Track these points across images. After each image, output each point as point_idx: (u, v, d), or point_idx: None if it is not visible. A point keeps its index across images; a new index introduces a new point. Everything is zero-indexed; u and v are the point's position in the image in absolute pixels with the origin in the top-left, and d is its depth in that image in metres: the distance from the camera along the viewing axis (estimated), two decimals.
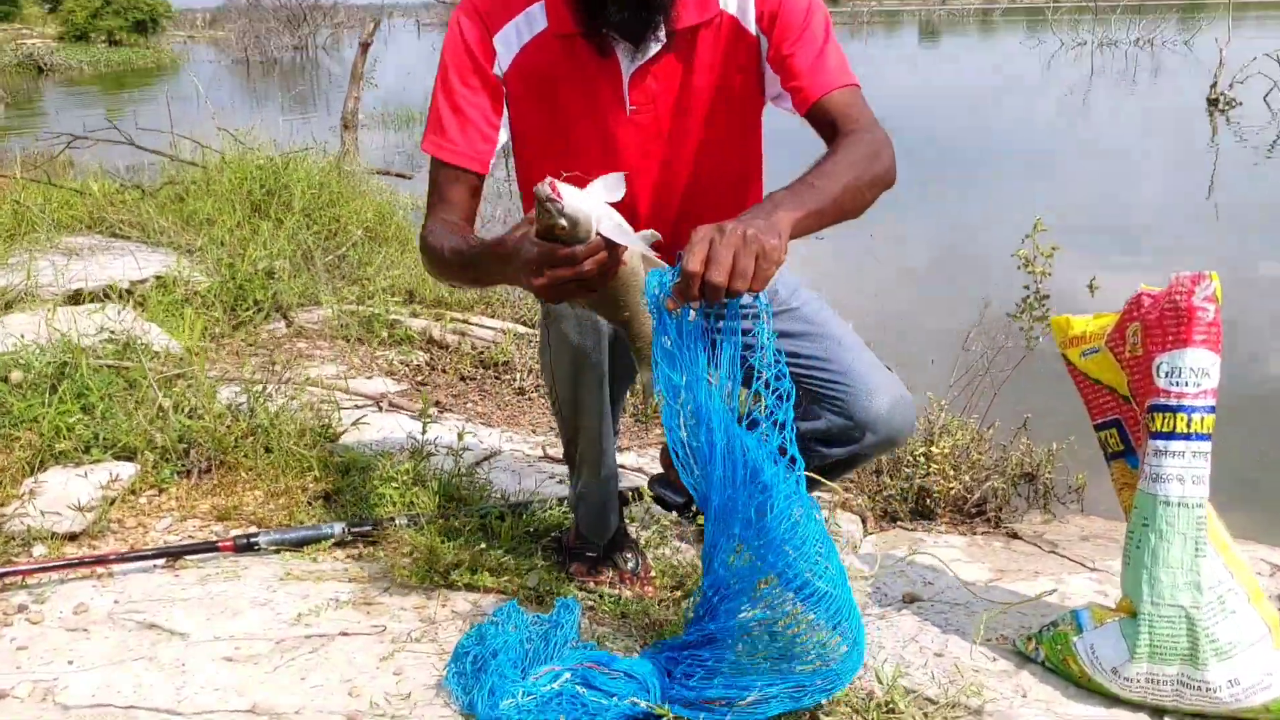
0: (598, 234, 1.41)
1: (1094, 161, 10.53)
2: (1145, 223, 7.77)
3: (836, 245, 6.36)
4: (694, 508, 2.46)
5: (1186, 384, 1.71)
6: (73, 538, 2.23)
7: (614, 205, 1.46)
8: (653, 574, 2.17)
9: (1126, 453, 1.92)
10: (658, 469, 2.67)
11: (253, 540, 2.19)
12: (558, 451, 2.96)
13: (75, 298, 3.77)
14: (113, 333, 3.08)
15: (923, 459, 2.89)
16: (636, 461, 2.94)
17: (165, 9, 42.21)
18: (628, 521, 2.33)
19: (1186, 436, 1.71)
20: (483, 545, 2.15)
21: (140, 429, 2.52)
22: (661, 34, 1.79)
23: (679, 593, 2.08)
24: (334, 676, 1.74)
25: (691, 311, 1.52)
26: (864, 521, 2.74)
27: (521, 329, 4.22)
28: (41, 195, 4.91)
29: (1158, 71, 20.74)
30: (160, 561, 2.14)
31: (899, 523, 2.76)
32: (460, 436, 2.51)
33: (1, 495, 2.30)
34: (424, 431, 2.49)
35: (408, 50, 23.64)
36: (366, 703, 1.67)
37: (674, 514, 2.47)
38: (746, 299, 1.48)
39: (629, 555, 2.16)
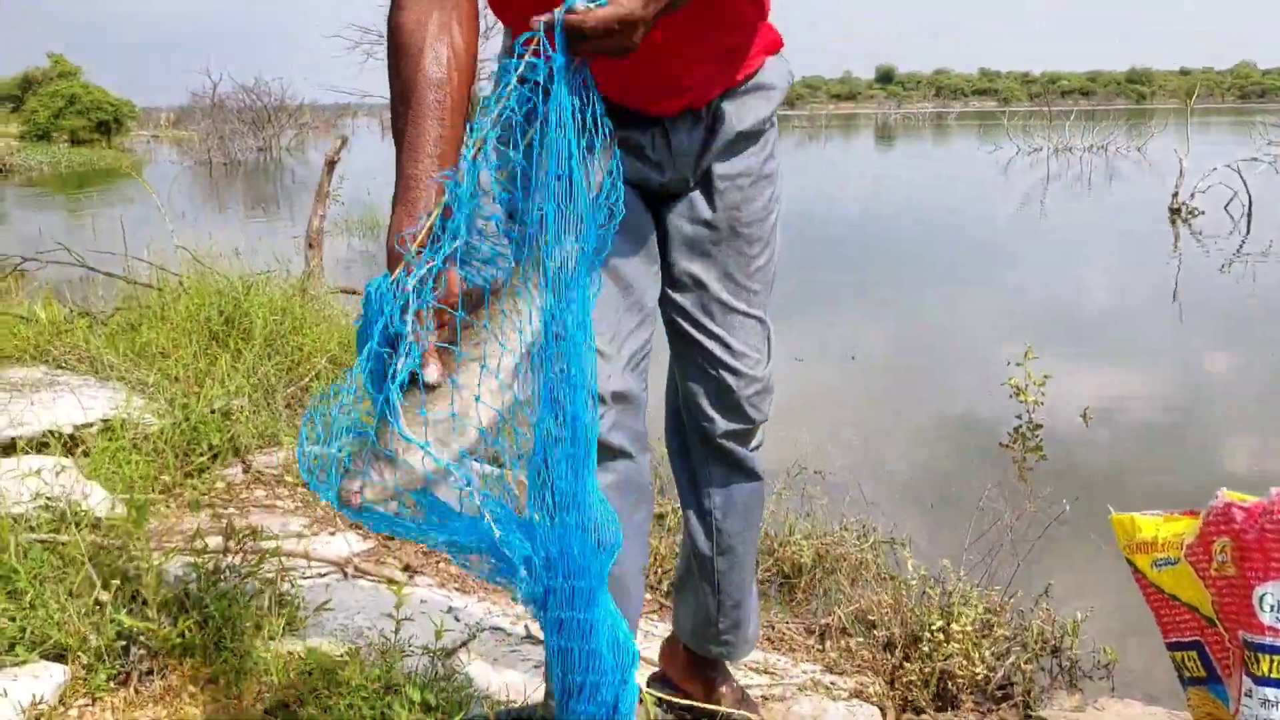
0: None
1: (1060, 266, 10.56)
2: (1116, 327, 7.70)
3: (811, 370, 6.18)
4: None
5: None
6: None
7: None
8: None
9: (1210, 680, 1.68)
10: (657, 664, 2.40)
11: None
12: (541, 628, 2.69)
13: (10, 448, 3.46)
14: (49, 499, 2.78)
15: (940, 635, 2.65)
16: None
17: (129, 109, 42.33)
18: None
19: None
20: None
21: (73, 626, 2.22)
22: None
23: None
24: None
25: None
26: (883, 714, 2.48)
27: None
28: None
29: (1112, 177, 21.17)
30: None
31: (922, 716, 2.50)
32: (438, 635, 2.23)
33: None
34: (396, 631, 2.21)
35: (371, 152, 23.65)
36: None
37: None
38: None
39: None
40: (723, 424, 2.00)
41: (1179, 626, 1.71)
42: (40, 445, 3.48)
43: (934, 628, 2.66)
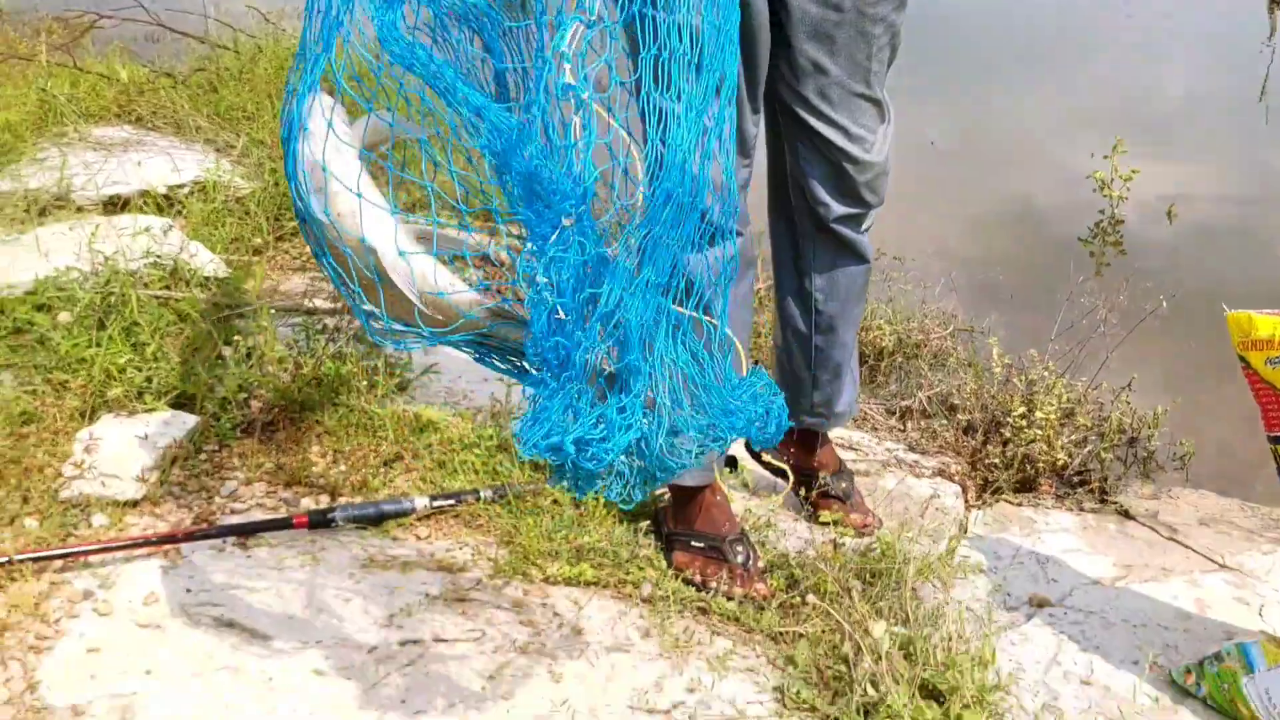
0: None
1: (1143, 57, 10.09)
2: (1199, 124, 7.43)
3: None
4: (804, 486, 2.29)
5: None
6: (134, 505, 2.06)
7: None
8: (763, 566, 1.99)
9: None
10: None
11: (329, 516, 2.01)
12: None
13: (111, 204, 3.53)
14: (159, 256, 2.86)
15: (1022, 422, 2.71)
16: None
17: None
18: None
19: None
20: (578, 529, 1.99)
21: (198, 376, 2.33)
22: None
23: (795, 594, 1.90)
24: (438, 700, 1.58)
25: None
26: (965, 493, 2.57)
27: None
28: (68, 81, 4.61)
29: None
30: (231, 538, 1.97)
31: (1002, 495, 2.59)
32: None
33: (56, 452, 2.12)
34: (508, 393, 2.30)
35: None
36: None
37: (780, 482, 2.29)
38: None
39: (739, 547, 1.98)
40: (838, 209, 2.01)
41: None
42: (138, 205, 3.54)
43: (1016, 414, 2.71)
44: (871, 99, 1.94)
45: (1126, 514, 2.51)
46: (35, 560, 1.81)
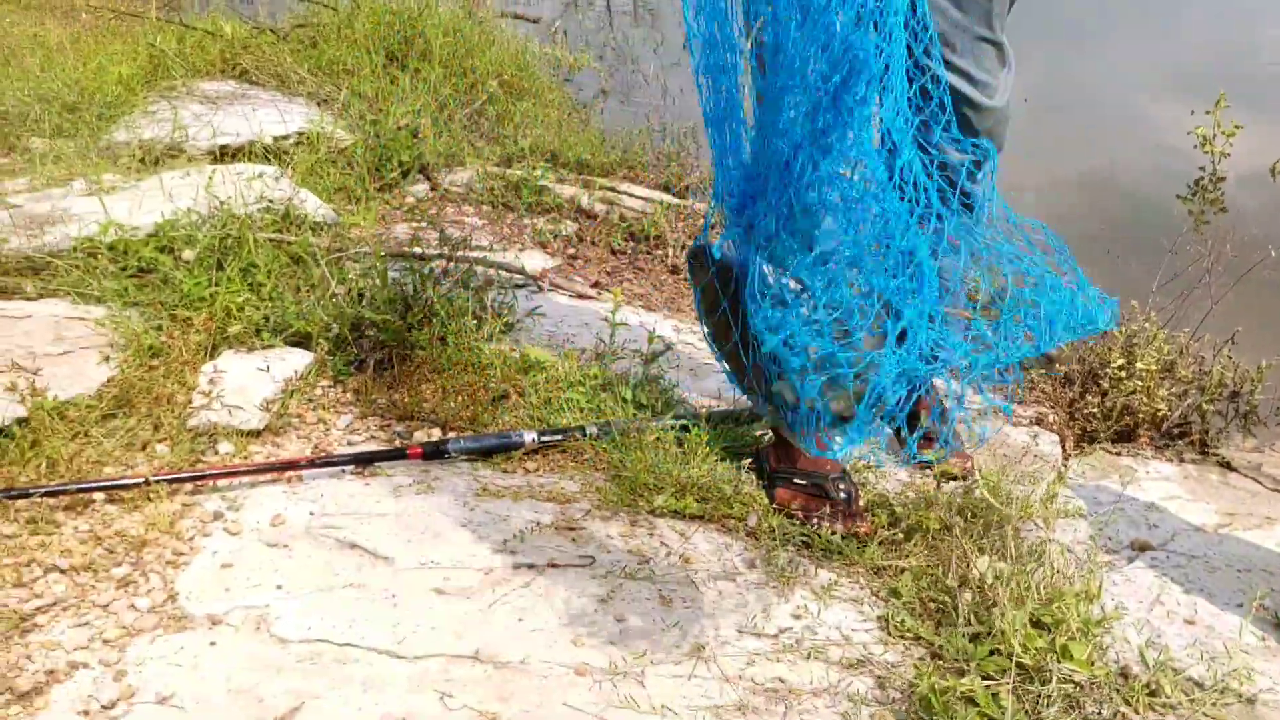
0: None
1: (1239, 12, 9.75)
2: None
3: None
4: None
5: None
6: (256, 434, 2.15)
7: None
8: (864, 504, 2.02)
9: None
10: None
11: (442, 447, 2.09)
12: None
13: (221, 154, 3.64)
14: (271, 201, 2.95)
15: (1122, 374, 2.69)
16: None
17: None
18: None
19: None
20: (682, 465, 2.03)
21: (313, 314, 2.41)
22: None
23: (897, 530, 1.93)
24: (553, 620, 1.65)
25: None
26: (1063, 442, 2.57)
27: (670, 199, 4.03)
28: (174, 38, 4.75)
29: None
30: (349, 467, 2.05)
31: (1099, 444, 2.58)
32: (651, 339, 2.36)
33: (184, 383, 2.22)
34: (612, 337, 2.34)
35: None
36: (596, 656, 1.57)
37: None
38: None
39: (842, 484, 2.01)
40: (956, 156, 2.01)
41: None
42: (247, 155, 3.65)
43: (1115, 365, 2.70)
44: (994, 41, 1.94)
45: (1228, 466, 2.49)
46: (169, 482, 1.91)
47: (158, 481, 1.88)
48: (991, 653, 1.55)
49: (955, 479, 2.18)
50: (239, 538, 1.82)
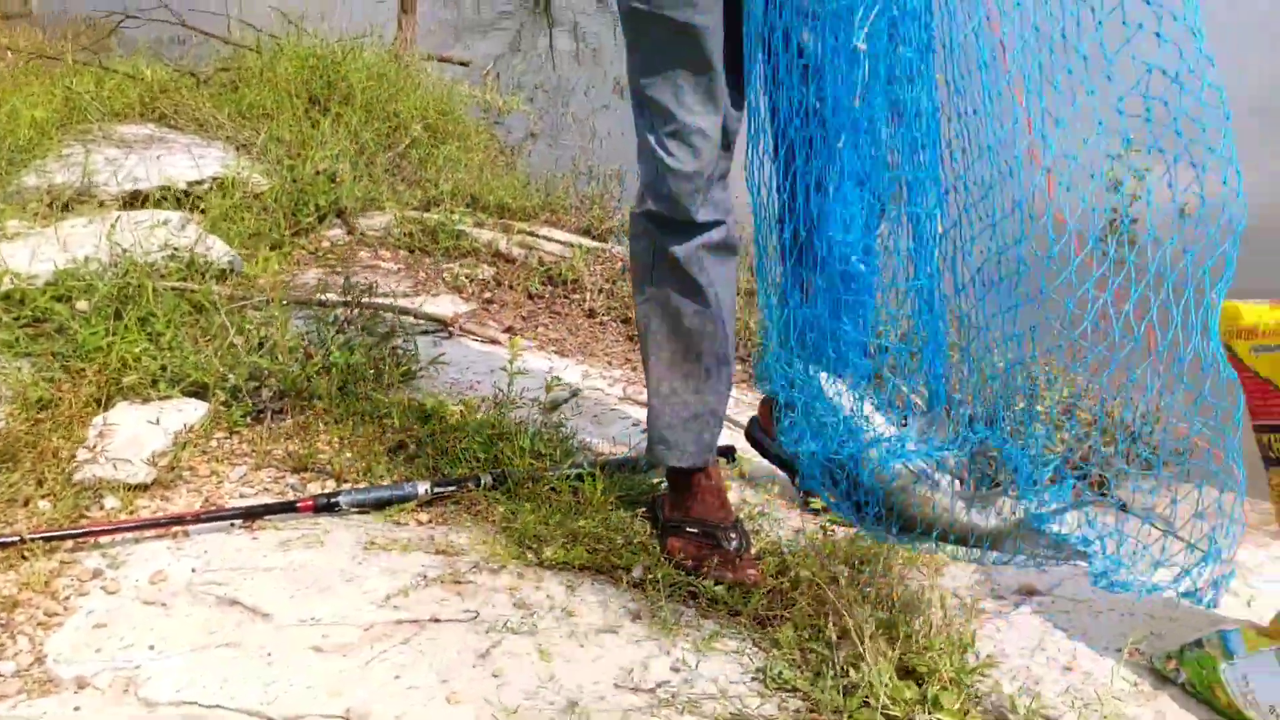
0: None
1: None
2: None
3: None
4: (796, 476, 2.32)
5: None
6: (144, 488, 2.12)
7: None
8: (755, 553, 2.03)
9: None
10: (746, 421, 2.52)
11: (333, 500, 2.07)
12: (637, 391, 2.82)
13: (132, 200, 3.61)
14: (175, 249, 2.93)
15: (1023, 413, 2.73)
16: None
17: None
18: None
19: None
20: (574, 515, 2.03)
21: (211, 366, 2.39)
22: None
23: (784, 579, 1.94)
24: (429, 675, 1.63)
25: None
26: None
27: (589, 242, 4.05)
28: (93, 80, 4.71)
29: None
30: (238, 521, 2.03)
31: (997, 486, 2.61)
32: (549, 387, 2.36)
33: (71, 437, 2.19)
34: (510, 384, 2.35)
35: None
36: (469, 714, 1.56)
37: (778, 472, 2.33)
38: None
39: (733, 534, 2.02)
40: None
41: (1270, 409, 1.77)
42: (158, 200, 3.62)
43: (1018, 409, 2.74)
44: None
45: (1124, 508, 2.53)
46: (47, 540, 1.87)
47: (34, 540, 1.85)
48: (863, 704, 1.56)
49: (846, 525, 2.20)
50: (117, 596, 1.79)
